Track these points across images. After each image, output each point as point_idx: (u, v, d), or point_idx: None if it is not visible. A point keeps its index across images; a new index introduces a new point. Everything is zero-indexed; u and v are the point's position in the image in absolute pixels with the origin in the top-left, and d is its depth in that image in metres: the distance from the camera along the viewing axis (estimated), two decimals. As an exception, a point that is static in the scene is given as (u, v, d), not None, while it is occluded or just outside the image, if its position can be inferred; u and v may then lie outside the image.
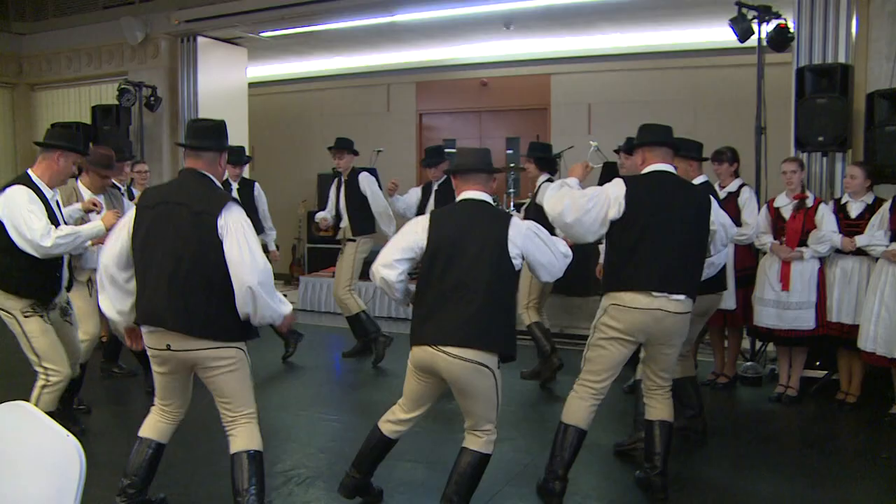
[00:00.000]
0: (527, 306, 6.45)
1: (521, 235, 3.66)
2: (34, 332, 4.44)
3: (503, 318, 3.67)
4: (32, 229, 4.24)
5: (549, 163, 6.68)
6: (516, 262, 3.66)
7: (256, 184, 7.48)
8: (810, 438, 5.34)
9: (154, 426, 3.80)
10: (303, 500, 4.18)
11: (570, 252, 3.85)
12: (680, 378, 4.88)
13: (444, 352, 3.55)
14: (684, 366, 4.95)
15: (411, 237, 3.73)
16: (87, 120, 10.06)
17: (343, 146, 7.27)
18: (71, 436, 2.05)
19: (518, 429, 5.38)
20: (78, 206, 5.24)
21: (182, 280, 3.43)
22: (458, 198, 3.84)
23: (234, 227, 3.42)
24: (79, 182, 5.64)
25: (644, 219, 3.92)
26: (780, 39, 6.68)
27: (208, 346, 3.48)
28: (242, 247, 3.39)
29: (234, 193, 7.09)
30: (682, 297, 3.96)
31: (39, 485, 2.04)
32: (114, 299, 3.67)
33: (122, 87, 9.72)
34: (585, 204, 3.93)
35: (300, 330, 7.53)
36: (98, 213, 5.22)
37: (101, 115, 9.87)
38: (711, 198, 4.27)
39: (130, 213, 3.65)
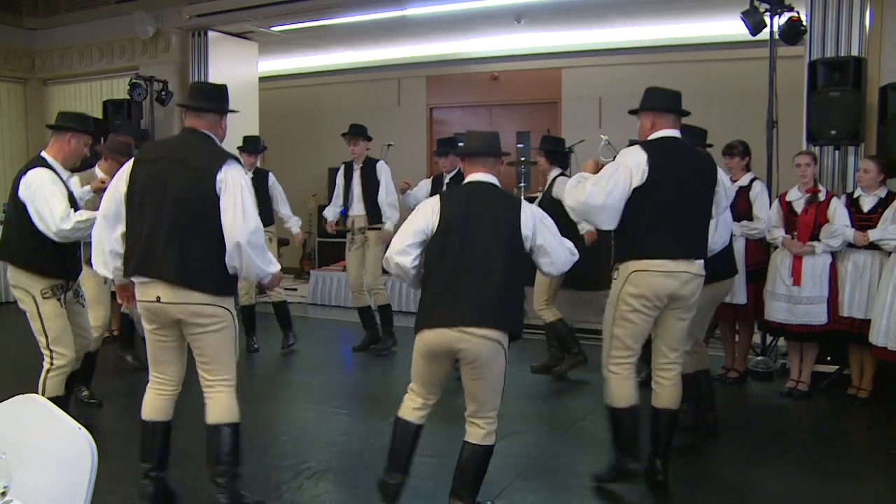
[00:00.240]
0: (546, 302, 6.43)
1: (531, 217, 3.68)
2: (49, 315, 4.49)
3: (515, 297, 3.70)
4: (54, 213, 4.32)
5: (560, 156, 6.66)
6: (527, 243, 3.67)
7: (271, 174, 7.49)
8: (821, 433, 5.32)
9: (154, 406, 3.84)
10: (312, 493, 4.19)
11: (576, 251, 3.84)
12: (693, 371, 4.89)
13: (467, 332, 3.51)
14: (698, 359, 4.95)
15: (421, 220, 3.68)
16: (99, 114, 10.10)
17: (357, 132, 7.28)
18: (83, 429, 2.06)
19: (527, 423, 5.39)
20: (88, 187, 5.28)
21: (180, 234, 3.53)
22: (467, 180, 3.83)
23: (231, 183, 3.53)
24: (97, 169, 5.69)
25: (664, 185, 3.91)
26: (793, 32, 6.63)
27: (199, 300, 3.57)
28: (237, 204, 3.51)
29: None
30: (701, 261, 4.06)
31: (52, 477, 2.05)
32: (107, 257, 3.75)
33: (134, 81, 9.76)
34: (607, 182, 3.90)
35: (307, 325, 7.54)
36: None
37: (113, 109, 9.92)
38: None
39: (126, 167, 3.70)
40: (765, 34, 6.73)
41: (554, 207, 6.38)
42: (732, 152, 5.99)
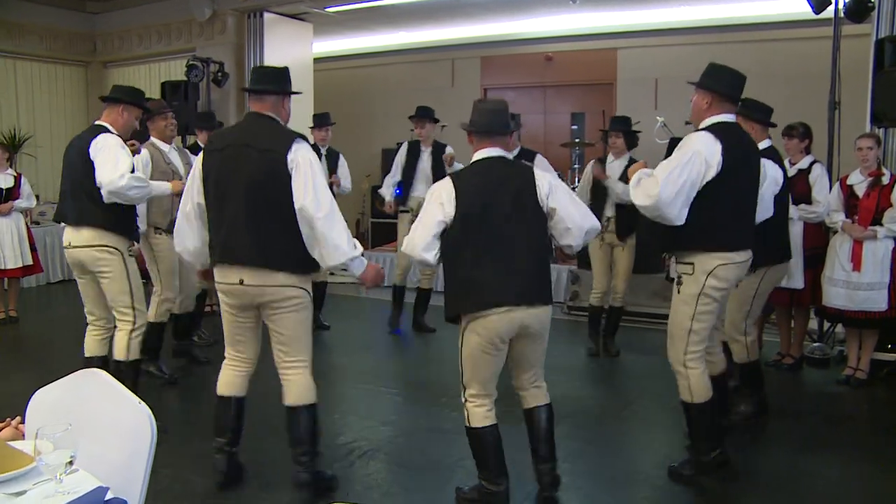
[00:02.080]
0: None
1: (545, 180, 3.64)
2: (134, 273, 4.68)
3: (547, 265, 3.71)
4: (117, 168, 4.42)
5: (634, 138, 6.54)
6: (544, 207, 3.62)
7: (341, 155, 7.62)
8: (880, 423, 5.20)
9: (230, 382, 3.93)
10: (364, 472, 4.25)
11: (594, 217, 3.76)
12: (748, 362, 4.87)
13: (532, 310, 3.53)
14: (752, 349, 4.90)
15: (438, 211, 3.56)
16: (157, 96, 10.28)
17: (425, 115, 7.29)
18: (142, 403, 2.12)
19: (580, 405, 5.37)
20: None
21: (257, 217, 3.59)
22: (477, 157, 3.69)
23: (302, 162, 3.56)
24: (152, 138, 5.84)
25: (738, 173, 3.84)
26: (860, 9, 6.40)
27: (281, 282, 3.63)
28: (308, 182, 3.52)
29: (323, 158, 7.30)
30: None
31: (113, 449, 2.12)
32: (188, 239, 3.87)
33: (191, 63, 9.90)
34: (681, 172, 3.73)
35: (359, 305, 7.60)
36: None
37: (171, 90, 10.07)
38: None
39: (199, 159, 3.81)
40: (828, 12, 6.55)
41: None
42: (792, 134, 5.85)
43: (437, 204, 3.57)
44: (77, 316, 4.83)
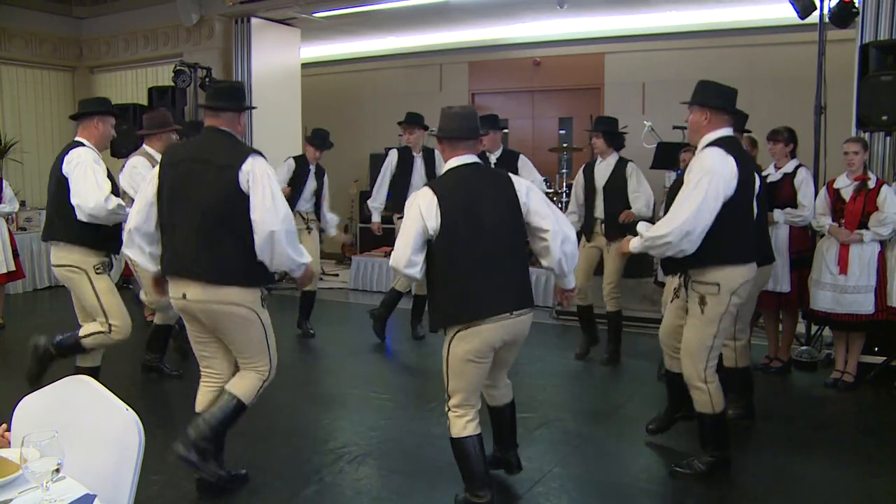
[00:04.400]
0: (616, 289, 6.41)
1: (525, 186, 3.64)
2: (104, 289, 4.67)
3: (528, 267, 3.73)
4: (101, 189, 4.44)
5: (618, 138, 6.52)
6: (524, 210, 3.58)
7: (326, 174, 7.58)
8: (867, 426, 5.22)
9: (203, 399, 3.95)
10: (353, 477, 4.23)
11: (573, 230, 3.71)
12: (737, 367, 4.88)
13: (518, 316, 3.55)
14: (743, 355, 4.91)
15: (420, 224, 3.50)
16: (144, 101, 10.26)
17: (414, 121, 7.26)
18: (130, 410, 2.11)
19: (568, 410, 5.38)
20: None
21: (210, 232, 3.60)
22: (451, 164, 3.66)
23: (259, 174, 3.59)
24: (145, 146, 5.84)
25: (743, 189, 3.87)
26: (844, 15, 6.47)
27: (229, 298, 3.63)
28: (266, 194, 3.57)
29: (312, 175, 7.34)
30: None
31: (100, 456, 2.10)
32: (138, 257, 3.87)
33: (178, 68, 9.89)
34: (706, 199, 3.73)
35: (348, 311, 7.57)
36: None
37: (158, 96, 10.06)
38: None
39: (153, 173, 3.82)
40: (813, 17, 6.59)
41: (617, 194, 6.26)
42: (777, 138, 5.88)
43: (417, 216, 3.51)
44: (64, 323, 4.80)
